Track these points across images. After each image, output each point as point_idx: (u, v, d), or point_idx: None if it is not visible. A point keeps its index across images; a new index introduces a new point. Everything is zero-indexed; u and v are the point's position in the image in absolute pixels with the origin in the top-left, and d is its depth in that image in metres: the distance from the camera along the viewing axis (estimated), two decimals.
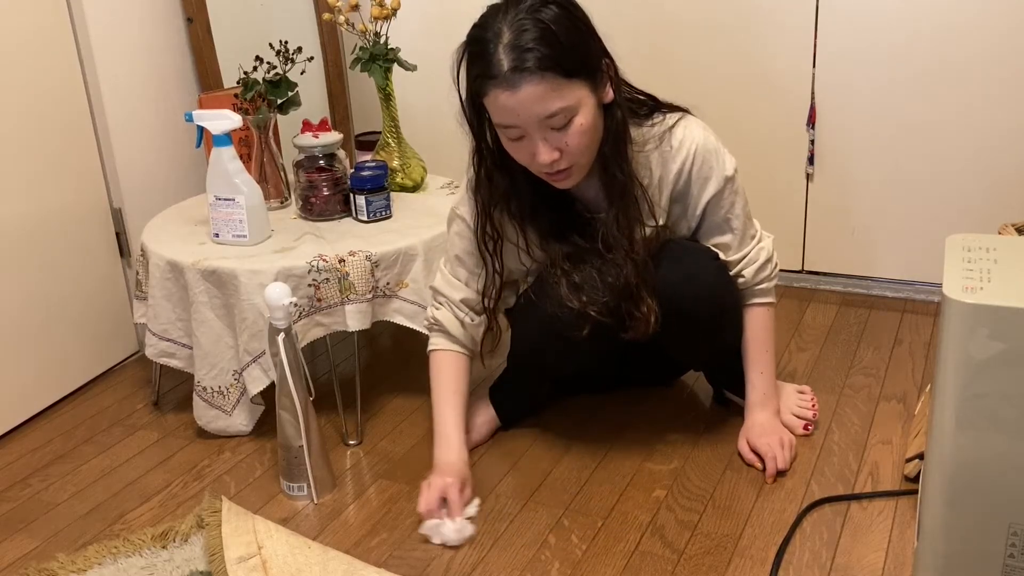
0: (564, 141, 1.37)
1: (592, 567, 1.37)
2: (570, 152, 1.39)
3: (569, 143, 1.38)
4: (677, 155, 1.51)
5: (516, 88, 1.32)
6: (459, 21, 1.44)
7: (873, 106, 2.08)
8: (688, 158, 1.51)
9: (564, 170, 1.41)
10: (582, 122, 1.37)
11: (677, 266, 1.51)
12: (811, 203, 2.21)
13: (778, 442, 1.58)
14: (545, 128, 1.36)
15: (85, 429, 1.83)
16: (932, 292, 2.17)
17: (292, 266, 1.62)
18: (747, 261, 1.60)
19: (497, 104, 1.35)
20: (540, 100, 1.33)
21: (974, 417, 1.13)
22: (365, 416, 1.80)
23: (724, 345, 1.64)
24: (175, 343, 1.74)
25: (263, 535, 1.40)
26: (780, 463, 1.55)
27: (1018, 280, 1.12)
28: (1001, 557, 1.18)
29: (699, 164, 1.51)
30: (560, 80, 1.33)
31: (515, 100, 1.33)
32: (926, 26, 1.98)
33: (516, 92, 1.32)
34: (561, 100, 1.34)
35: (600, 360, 1.65)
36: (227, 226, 1.72)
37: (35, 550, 1.48)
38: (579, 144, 1.38)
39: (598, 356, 1.61)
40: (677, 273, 1.50)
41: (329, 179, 1.82)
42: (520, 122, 1.36)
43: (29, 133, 1.81)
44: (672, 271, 1.50)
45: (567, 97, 1.34)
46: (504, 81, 1.32)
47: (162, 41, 2.09)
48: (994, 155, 2.01)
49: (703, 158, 1.51)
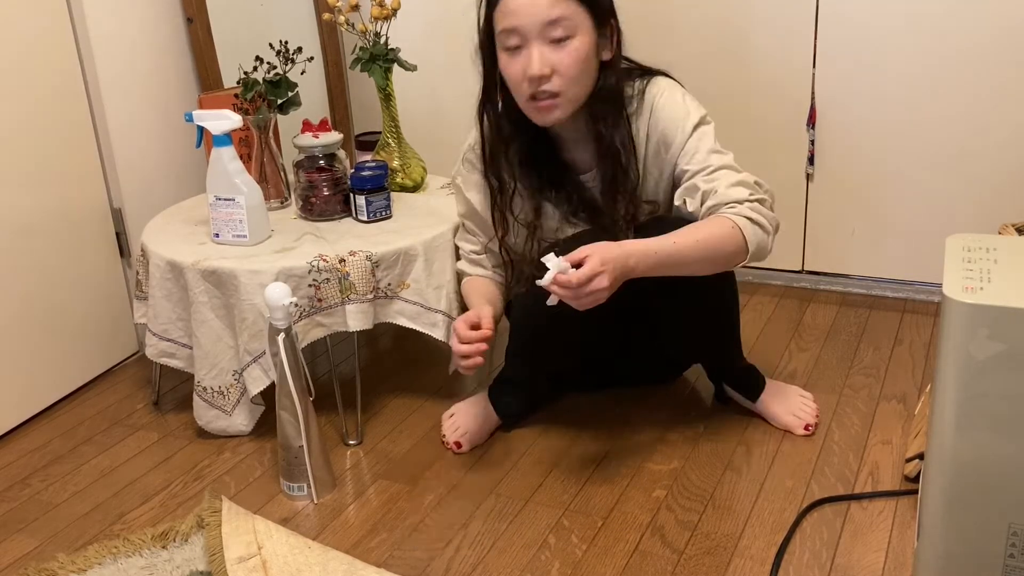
0: (558, 58, 1.43)
1: (592, 567, 1.37)
2: (561, 74, 1.44)
3: (564, 62, 1.44)
4: (644, 117, 1.55)
5: None
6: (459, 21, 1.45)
7: (873, 106, 2.08)
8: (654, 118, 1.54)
9: (551, 97, 1.46)
10: (578, 46, 1.44)
11: None
12: (811, 203, 2.21)
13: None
14: (544, 38, 1.43)
15: (85, 429, 1.83)
16: (932, 292, 2.17)
17: (292, 266, 1.62)
18: (721, 178, 1.49)
19: (507, 5, 1.42)
20: (547, 3, 1.41)
21: (974, 417, 1.13)
22: (365, 416, 1.80)
23: (721, 333, 1.63)
24: (175, 343, 1.74)
25: (263, 535, 1.40)
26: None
27: (1018, 280, 1.12)
28: (1001, 557, 1.18)
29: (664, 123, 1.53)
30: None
31: None
32: (926, 26, 1.98)
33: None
34: (566, 9, 1.42)
35: (600, 346, 1.65)
36: (227, 226, 1.72)
37: (35, 550, 1.48)
38: (571, 67, 1.44)
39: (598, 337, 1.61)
40: None
41: (329, 179, 1.82)
42: (522, 23, 1.41)
43: (29, 133, 1.81)
44: None
45: (572, 11, 1.42)
46: None
47: (162, 41, 2.09)
48: (994, 155, 2.01)
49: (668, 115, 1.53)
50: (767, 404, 1.69)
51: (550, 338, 1.60)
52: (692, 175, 1.51)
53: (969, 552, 1.19)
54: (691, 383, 1.85)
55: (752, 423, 1.70)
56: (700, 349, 1.72)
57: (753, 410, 1.72)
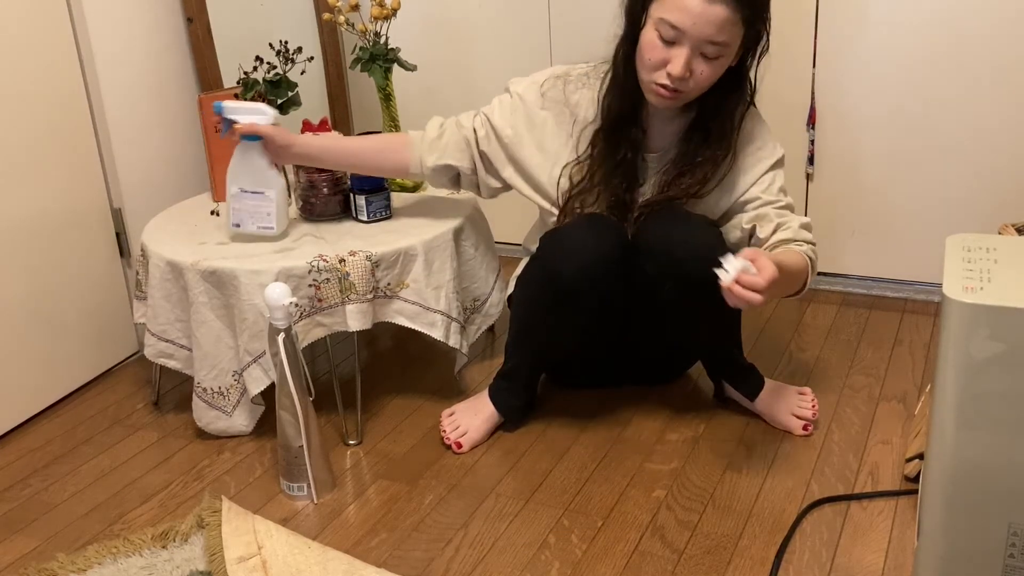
0: (700, 70, 1.47)
1: (592, 567, 1.37)
2: (696, 79, 1.48)
3: (704, 73, 1.48)
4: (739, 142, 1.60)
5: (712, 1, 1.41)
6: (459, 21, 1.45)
7: (873, 106, 2.08)
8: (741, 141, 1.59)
9: (676, 92, 1.49)
10: (724, 63, 1.48)
11: (673, 227, 1.53)
12: (811, 203, 2.21)
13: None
14: (698, 49, 1.46)
15: (85, 429, 1.83)
16: (932, 292, 2.17)
17: (292, 266, 1.62)
18: (791, 219, 1.58)
19: (682, 4, 1.43)
20: (719, 25, 1.43)
21: (974, 417, 1.13)
22: (365, 416, 1.80)
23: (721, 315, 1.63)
24: (173, 344, 1.74)
25: (263, 535, 1.40)
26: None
27: (1018, 280, 1.12)
28: (1001, 557, 1.18)
29: (749, 148, 1.60)
30: (740, 20, 1.45)
31: (702, 8, 1.42)
32: (926, 27, 1.98)
33: (711, 4, 1.41)
34: (730, 36, 1.45)
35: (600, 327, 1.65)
36: (252, 217, 1.72)
37: (35, 550, 1.48)
38: (708, 78, 1.49)
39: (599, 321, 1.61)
40: (674, 233, 1.52)
41: (329, 179, 1.82)
42: (689, 29, 1.43)
43: (29, 133, 1.81)
44: (669, 231, 1.52)
45: (734, 37, 1.46)
46: None
47: (162, 41, 2.09)
48: (994, 155, 2.01)
49: (755, 141, 1.60)
50: (766, 404, 1.70)
51: (553, 317, 1.60)
52: (765, 204, 1.58)
53: (969, 552, 1.19)
54: (691, 383, 1.85)
55: (752, 423, 1.70)
56: (701, 345, 1.73)
57: (752, 409, 1.72)
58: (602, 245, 1.53)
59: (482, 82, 2.34)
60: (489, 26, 2.33)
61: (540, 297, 1.59)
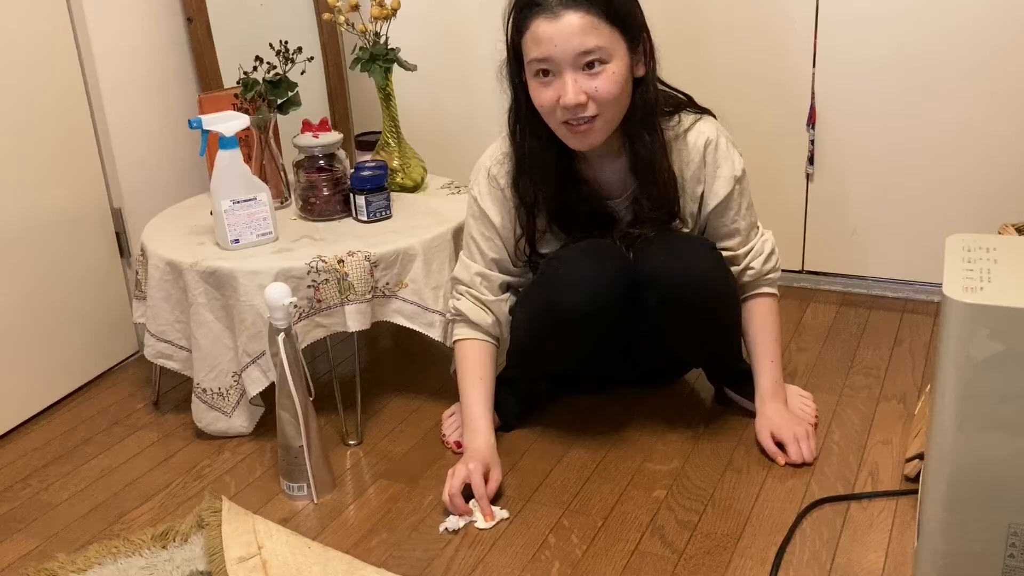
0: (594, 86, 1.41)
1: (592, 567, 1.37)
2: (598, 99, 1.41)
3: (599, 88, 1.41)
4: (689, 154, 1.55)
5: (558, 16, 1.37)
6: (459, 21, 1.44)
7: (873, 106, 2.08)
8: (699, 157, 1.55)
9: (588, 121, 1.43)
10: (614, 70, 1.41)
11: (673, 255, 1.52)
12: (811, 203, 2.20)
13: (804, 432, 1.59)
14: (577, 67, 1.40)
15: (85, 429, 1.83)
16: (932, 292, 2.16)
17: (291, 267, 1.62)
18: (754, 253, 1.63)
19: (536, 34, 1.39)
20: (579, 32, 1.37)
21: (974, 417, 1.13)
22: (365, 416, 1.80)
23: (723, 336, 1.64)
24: (172, 344, 1.74)
25: (263, 535, 1.40)
26: (807, 455, 1.56)
27: (1018, 280, 1.12)
28: (1001, 557, 1.18)
29: (709, 164, 1.55)
30: (601, 21, 1.38)
31: (555, 28, 1.37)
32: (926, 26, 1.98)
33: (558, 19, 1.37)
34: (599, 39, 1.38)
35: (600, 351, 1.65)
36: (249, 228, 1.70)
37: (35, 550, 1.48)
38: (609, 92, 1.41)
39: (598, 346, 1.61)
40: (673, 262, 1.51)
41: (329, 179, 1.82)
42: (555, 53, 1.38)
43: (29, 133, 1.81)
44: (668, 260, 1.51)
45: (605, 39, 1.39)
46: (547, 9, 1.38)
47: (162, 41, 2.09)
48: (994, 155, 2.01)
49: (713, 158, 1.55)
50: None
51: (552, 344, 1.60)
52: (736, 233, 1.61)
53: (969, 552, 1.19)
54: (691, 383, 1.85)
55: (752, 423, 1.70)
56: (700, 353, 1.72)
57: (753, 410, 1.72)
58: (603, 277, 1.49)
59: (482, 82, 2.34)
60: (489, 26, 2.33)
61: (539, 323, 1.57)
